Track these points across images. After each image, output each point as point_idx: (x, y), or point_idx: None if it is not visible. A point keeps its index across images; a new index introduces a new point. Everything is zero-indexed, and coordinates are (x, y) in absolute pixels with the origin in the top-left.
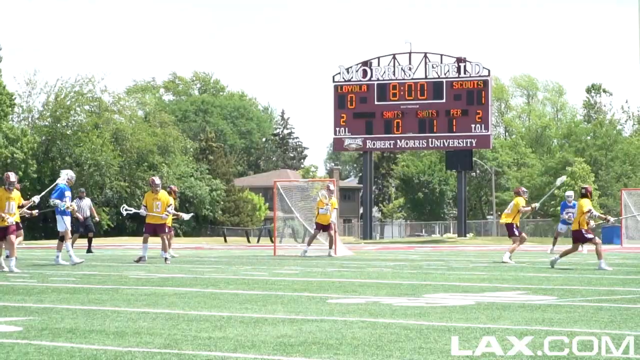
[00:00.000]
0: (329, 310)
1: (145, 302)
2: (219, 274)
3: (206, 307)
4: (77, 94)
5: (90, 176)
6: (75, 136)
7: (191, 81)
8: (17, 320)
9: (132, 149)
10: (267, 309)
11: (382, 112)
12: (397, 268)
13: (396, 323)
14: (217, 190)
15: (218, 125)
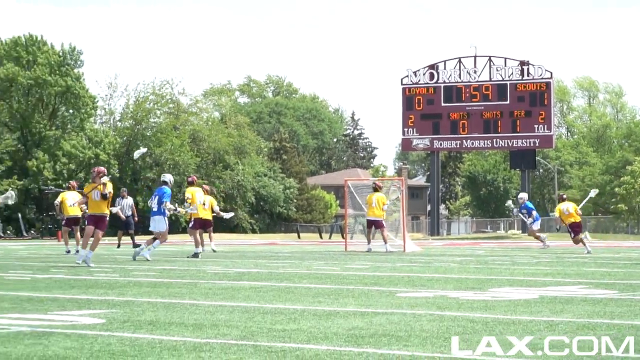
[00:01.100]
0: (398, 304)
1: (222, 295)
2: (293, 269)
3: (281, 300)
4: (157, 97)
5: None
6: (154, 137)
7: (265, 84)
8: (100, 312)
9: (209, 149)
10: (339, 302)
11: (448, 113)
12: (464, 263)
13: (462, 316)
14: (291, 189)
15: (291, 126)
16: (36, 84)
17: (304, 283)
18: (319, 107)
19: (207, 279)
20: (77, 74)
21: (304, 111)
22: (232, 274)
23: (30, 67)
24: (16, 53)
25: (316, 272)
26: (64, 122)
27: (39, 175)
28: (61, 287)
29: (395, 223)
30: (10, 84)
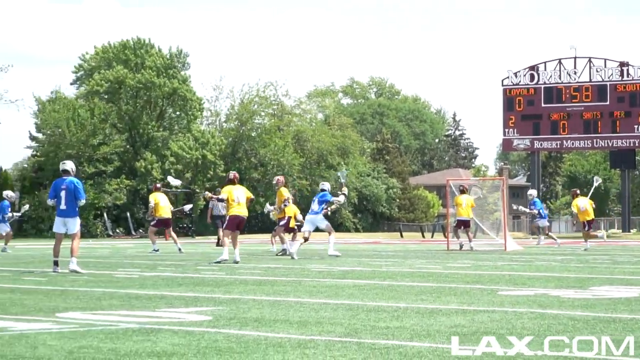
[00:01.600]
0: (500, 302)
1: (326, 293)
2: (396, 267)
3: (384, 298)
4: (261, 99)
5: (274, 175)
6: (259, 138)
7: (368, 86)
8: (207, 310)
9: (313, 149)
10: (441, 300)
11: (549, 114)
12: (565, 262)
13: (564, 314)
14: (393, 189)
15: (394, 127)
16: (144, 86)
17: (407, 281)
18: (420, 108)
19: (312, 277)
20: (184, 76)
21: (406, 112)
22: (336, 273)
23: (139, 69)
24: (125, 56)
25: (418, 270)
26: (171, 124)
27: (147, 176)
28: (168, 284)
29: (496, 222)
30: (119, 86)
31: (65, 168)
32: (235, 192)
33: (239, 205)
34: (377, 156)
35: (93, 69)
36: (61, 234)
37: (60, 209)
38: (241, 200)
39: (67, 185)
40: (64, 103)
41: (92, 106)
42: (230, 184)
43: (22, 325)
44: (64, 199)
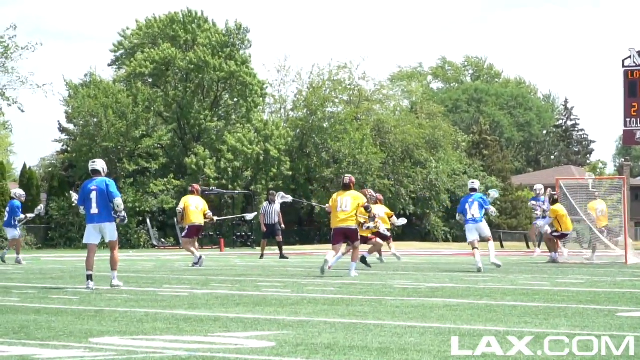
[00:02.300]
0: (619, 325)
1: (411, 314)
2: (495, 284)
3: (480, 320)
4: (335, 83)
5: (351, 174)
6: (332, 129)
7: (462, 67)
8: (269, 334)
9: (396, 142)
10: (549, 323)
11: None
12: None
13: None
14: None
15: (493, 116)
16: (196, 68)
17: (508, 300)
18: (525, 93)
19: (395, 296)
20: (244, 57)
21: (508, 98)
22: (424, 290)
23: (190, 48)
24: (173, 32)
25: (522, 287)
26: (227, 112)
27: (199, 174)
28: (224, 304)
29: (615, 230)
30: (166, 68)
31: (95, 168)
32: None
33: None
34: (474, 151)
35: (135, 48)
36: (94, 244)
37: (91, 214)
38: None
39: (98, 186)
40: (101, 88)
41: (134, 92)
42: (343, 189)
43: (50, 353)
44: (95, 202)
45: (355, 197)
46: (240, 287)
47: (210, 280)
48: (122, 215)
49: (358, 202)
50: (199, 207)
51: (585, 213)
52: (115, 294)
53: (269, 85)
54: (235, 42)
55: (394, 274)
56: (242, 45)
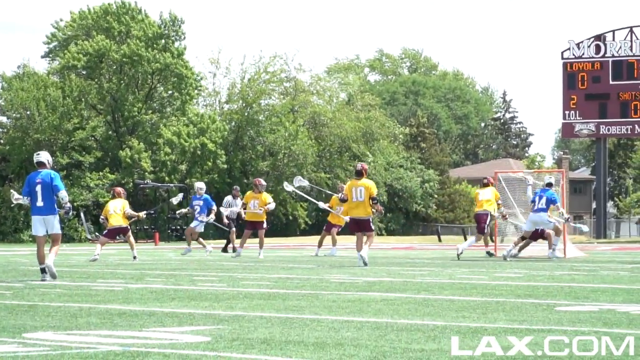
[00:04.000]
0: (557, 319)
1: (348, 309)
2: (433, 278)
3: (418, 315)
4: (271, 75)
5: (286, 167)
6: (268, 121)
7: (400, 59)
8: (204, 329)
9: (332, 135)
10: (487, 318)
11: (618, 92)
12: (636, 271)
13: (634, 334)
14: (430, 182)
15: (431, 108)
16: (130, 60)
17: (446, 295)
18: (463, 86)
19: (331, 290)
20: (179, 49)
21: (446, 91)
22: (361, 284)
23: (124, 40)
24: (106, 23)
25: (460, 281)
26: (162, 105)
27: (134, 168)
28: (158, 298)
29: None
30: (99, 60)
31: (40, 160)
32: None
33: None
34: (411, 144)
35: (69, 40)
36: (42, 236)
37: (36, 207)
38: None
39: (43, 179)
40: (34, 80)
41: (67, 84)
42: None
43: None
44: (40, 195)
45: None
46: (175, 281)
47: (145, 275)
48: (67, 207)
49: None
50: (117, 210)
51: (523, 206)
52: (49, 288)
53: (203, 78)
54: (170, 34)
55: (330, 268)
56: (176, 37)
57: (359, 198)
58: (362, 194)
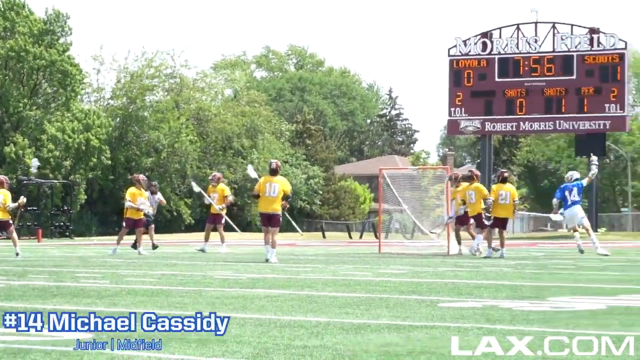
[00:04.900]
0: (441, 316)
1: (232, 305)
2: (316, 274)
3: (301, 311)
4: (155, 70)
5: (170, 163)
6: (153, 118)
7: (286, 55)
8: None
9: (216, 131)
10: (371, 314)
11: (503, 90)
12: (519, 267)
13: (516, 330)
14: (315, 179)
15: (317, 105)
16: (16, 56)
17: (329, 291)
18: (349, 82)
19: (215, 287)
20: (64, 45)
21: (332, 87)
22: (244, 281)
23: (8, 36)
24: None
25: (344, 278)
26: (47, 101)
27: (18, 164)
28: (40, 295)
29: (438, 220)
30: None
31: None
32: None
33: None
34: (297, 140)
35: None
36: None
37: None
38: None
39: None
40: None
41: None
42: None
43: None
44: None
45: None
46: (57, 278)
47: (27, 272)
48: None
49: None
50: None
51: (408, 202)
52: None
53: (87, 74)
54: (55, 30)
55: (214, 264)
56: (62, 32)
57: (272, 194)
58: (276, 190)
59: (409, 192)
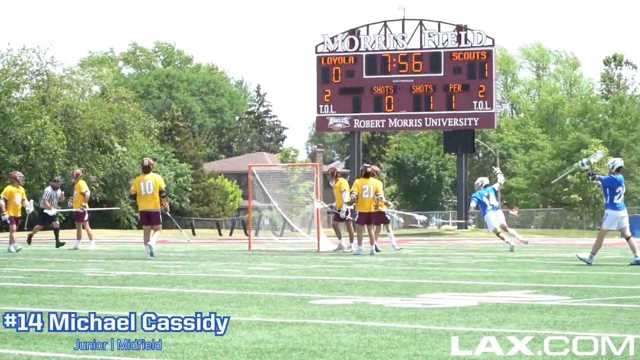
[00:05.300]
0: (312, 312)
1: (102, 303)
2: (187, 271)
3: (172, 308)
4: (20, 67)
5: (37, 160)
6: (19, 115)
7: (154, 52)
8: None
9: (84, 127)
10: (241, 311)
11: (371, 87)
12: (389, 264)
13: (387, 327)
14: (184, 176)
15: (185, 102)
16: None
17: (200, 288)
18: (217, 79)
19: (85, 284)
20: None
21: (200, 84)
22: (114, 278)
23: None
24: None
25: (214, 275)
26: None
27: None
28: None
29: (307, 217)
30: None
31: None
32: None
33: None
34: (166, 137)
35: None
36: None
37: None
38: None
39: None
40: None
41: None
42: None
43: None
44: None
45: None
46: None
47: None
48: None
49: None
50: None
51: (278, 199)
52: None
53: None
54: None
55: (84, 261)
56: None
57: (147, 191)
58: (150, 187)
59: (279, 189)
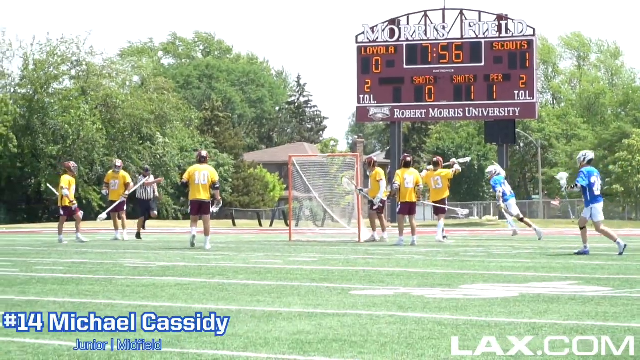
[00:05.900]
0: (352, 303)
1: (142, 294)
2: (227, 262)
3: (212, 299)
4: (59, 58)
5: (76, 151)
6: (60, 106)
7: (193, 42)
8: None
9: (124, 117)
10: (282, 302)
11: (412, 77)
12: (430, 255)
13: (429, 318)
14: (225, 167)
15: (225, 92)
16: None
17: (241, 279)
18: (257, 69)
19: (125, 275)
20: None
21: (240, 74)
22: (155, 269)
23: None
24: None
25: (255, 266)
26: None
27: None
28: None
29: (348, 207)
30: None
31: None
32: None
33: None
34: (206, 127)
35: None
36: None
37: None
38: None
39: None
40: None
41: None
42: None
43: None
44: None
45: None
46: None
47: None
48: None
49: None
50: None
51: (318, 190)
52: None
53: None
54: None
55: (124, 252)
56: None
57: (202, 181)
58: (205, 177)
59: (319, 180)
